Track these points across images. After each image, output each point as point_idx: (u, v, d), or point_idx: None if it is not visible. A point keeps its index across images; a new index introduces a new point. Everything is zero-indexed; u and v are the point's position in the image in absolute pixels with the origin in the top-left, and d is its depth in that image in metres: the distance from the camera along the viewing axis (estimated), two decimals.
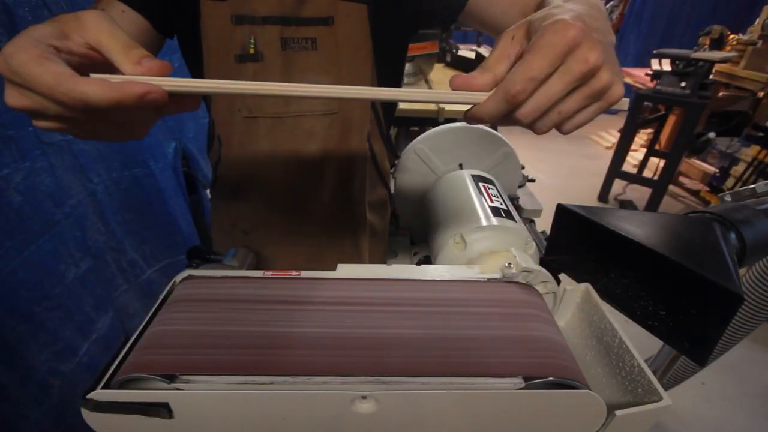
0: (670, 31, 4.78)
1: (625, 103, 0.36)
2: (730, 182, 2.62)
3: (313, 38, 0.59)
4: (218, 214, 0.77)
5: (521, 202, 0.80)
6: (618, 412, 0.35)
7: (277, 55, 0.59)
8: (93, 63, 0.31)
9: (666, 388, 0.52)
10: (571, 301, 0.52)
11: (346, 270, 0.49)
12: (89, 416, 0.34)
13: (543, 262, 0.57)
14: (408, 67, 1.93)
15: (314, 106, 0.64)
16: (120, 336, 1.19)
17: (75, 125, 0.31)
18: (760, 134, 2.51)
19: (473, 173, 0.72)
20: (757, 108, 2.66)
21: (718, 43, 2.56)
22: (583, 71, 0.29)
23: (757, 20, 2.57)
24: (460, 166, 0.75)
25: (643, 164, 3.09)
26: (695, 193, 2.98)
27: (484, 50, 2.30)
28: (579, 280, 0.52)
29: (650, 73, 2.61)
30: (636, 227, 0.47)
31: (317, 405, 0.35)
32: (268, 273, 0.48)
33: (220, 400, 0.34)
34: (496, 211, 0.59)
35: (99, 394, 0.33)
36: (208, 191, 1.45)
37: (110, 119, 0.32)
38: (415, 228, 0.84)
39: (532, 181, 0.89)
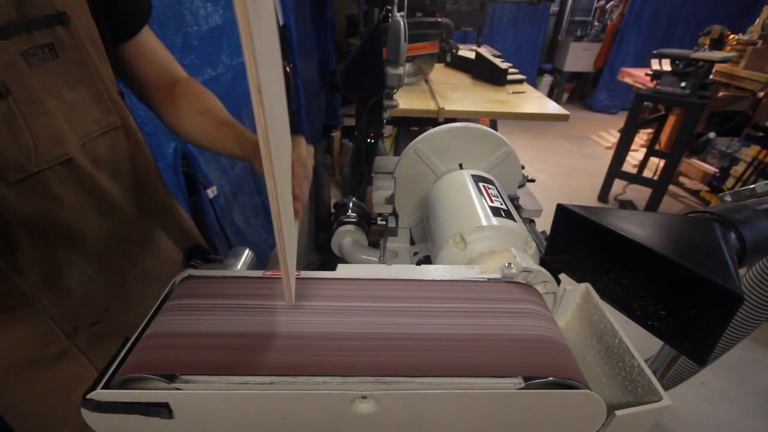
0: (670, 31, 4.78)
1: None
2: (730, 182, 2.62)
3: (50, 43, 0.46)
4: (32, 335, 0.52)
5: (521, 202, 0.80)
6: (618, 412, 0.35)
7: (26, 79, 0.44)
8: None
9: (666, 388, 0.52)
10: (571, 301, 0.52)
11: (345, 270, 0.49)
12: (89, 416, 0.34)
13: (543, 262, 0.57)
14: (408, 67, 1.93)
15: (90, 125, 0.52)
16: None
17: None
18: (760, 134, 2.52)
19: (473, 173, 0.72)
20: (757, 108, 2.66)
21: (718, 43, 2.56)
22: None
23: (757, 20, 2.57)
24: (460, 166, 0.75)
25: (643, 164, 3.09)
26: (695, 193, 2.98)
27: (484, 50, 2.30)
28: (579, 280, 0.52)
29: (650, 73, 2.61)
30: (636, 227, 0.47)
31: (317, 405, 0.35)
32: (268, 273, 0.48)
33: (220, 400, 0.34)
34: (496, 211, 0.59)
35: (99, 394, 0.33)
36: (208, 191, 1.45)
37: None
38: (415, 228, 0.84)
39: (532, 181, 0.89)
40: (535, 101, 1.87)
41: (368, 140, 1.57)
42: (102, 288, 0.57)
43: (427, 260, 0.74)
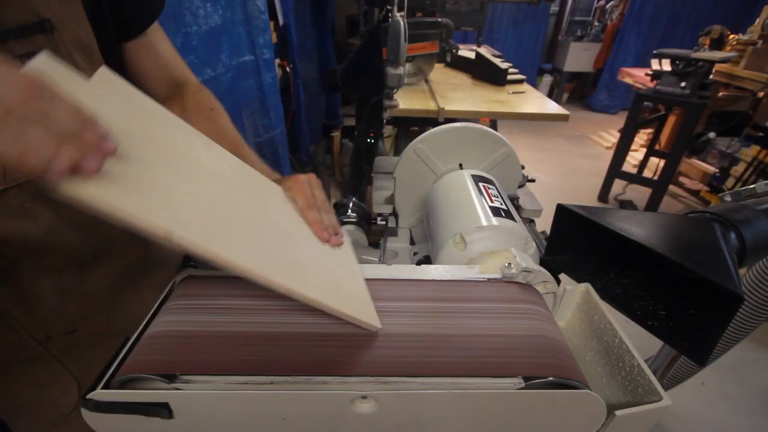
0: (670, 31, 4.78)
1: None
2: (730, 182, 2.62)
3: (31, 53, 0.42)
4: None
5: (521, 202, 0.80)
6: (618, 412, 0.35)
7: None
8: None
9: (666, 388, 0.52)
10: (571, 301, 0.52)
11: None
12: (89, 416, 0.34)
13: (543, 262, 0.57)
14: (408, 67, 1.93)
15: None
16: None
17: None
18: (760, 134, 2.51)
19: (473, 173, 0.72)
20: (757, 108, 2.66)
21: (718, 43, 2.56)
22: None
23: (757, 20, 2.57)
24: (460, 166, 0.75)
25: (643, 164, 3.08)
26: (695, 193, 2.98)
27: (484, 50, 2.30)
28: (579, 280, 0.52)
29: (650, 73, 2.61)
30: (636, 227, 0.47)
31: (317, 405, 0.35)
32: None
33: (220, 400, 0.34)
34: (496, 211, 0.59)
35: (99, 394, 0.33)
36: None
37: None
38: (415, 228, 0.84)
39: (532, 181, 0.89)
40: (535, 101, 1.87)
41: (368, 140, 1.57)
42: (79, 297, 0.55)
43: (427, 260, 0.74)
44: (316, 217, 0.48)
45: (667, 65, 2.50)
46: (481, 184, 0.67)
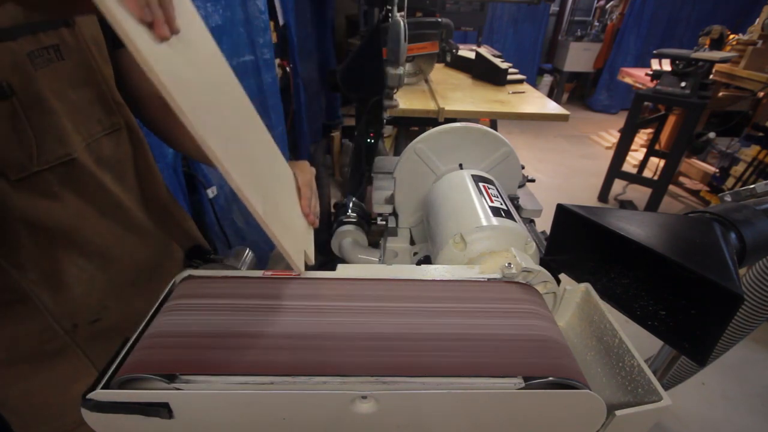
0: (670, 31, 4.78)
1: None
2: (730, 182, 2.62)
3: (56, 45, 0.47)
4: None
5: (521, 202, 0.80)
6: (618, 412, 0.35)
7: (31, 80, 0.45)
8: None
9: (666, 388, 0.52)
10: (571, 301, 0.52)
11: (346, 270, 0.49)
12: (89, 416, 0.34)
13: (543, 262, 0.57)
14: (408, 66, 1.92)
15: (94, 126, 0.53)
16: None
17: None
18: (760, 134, 2.51)
19: (473, 173, 0.72)
20: (757, 108, 2.66)
21: (718, 43, 2.56)
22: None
23: (757, 20, 2.57)
24: (460, 166, 0.75)
25: (643, 164, 3.08)
26: (695, 193, 2.98)
27: (484, 50, 2.30)
28: (579, 280, 0.52)
29: (650, 73, 2.61)
30: (636, 227, 0.47)
31: (317, 405, 0.35)
32: (268, 273, 0.48)
33: (220, 400, 0.34)
34: (496, 211, 0.59)
35: (99, 394, 0.33)
36: (208, 191, 1.45)
37: None
38: (415, 228, 0.84)
39: (532, 181, 0.89)
40: (535, 101, 1.87)
41: (368, 140, 1.57)
42: (102, 286, 0.58)
43: (427, 260, 0.74)
44: (308, 194, 0.56)
45: (667, 65, 2.50)
46: (481, 184, 0.67)
